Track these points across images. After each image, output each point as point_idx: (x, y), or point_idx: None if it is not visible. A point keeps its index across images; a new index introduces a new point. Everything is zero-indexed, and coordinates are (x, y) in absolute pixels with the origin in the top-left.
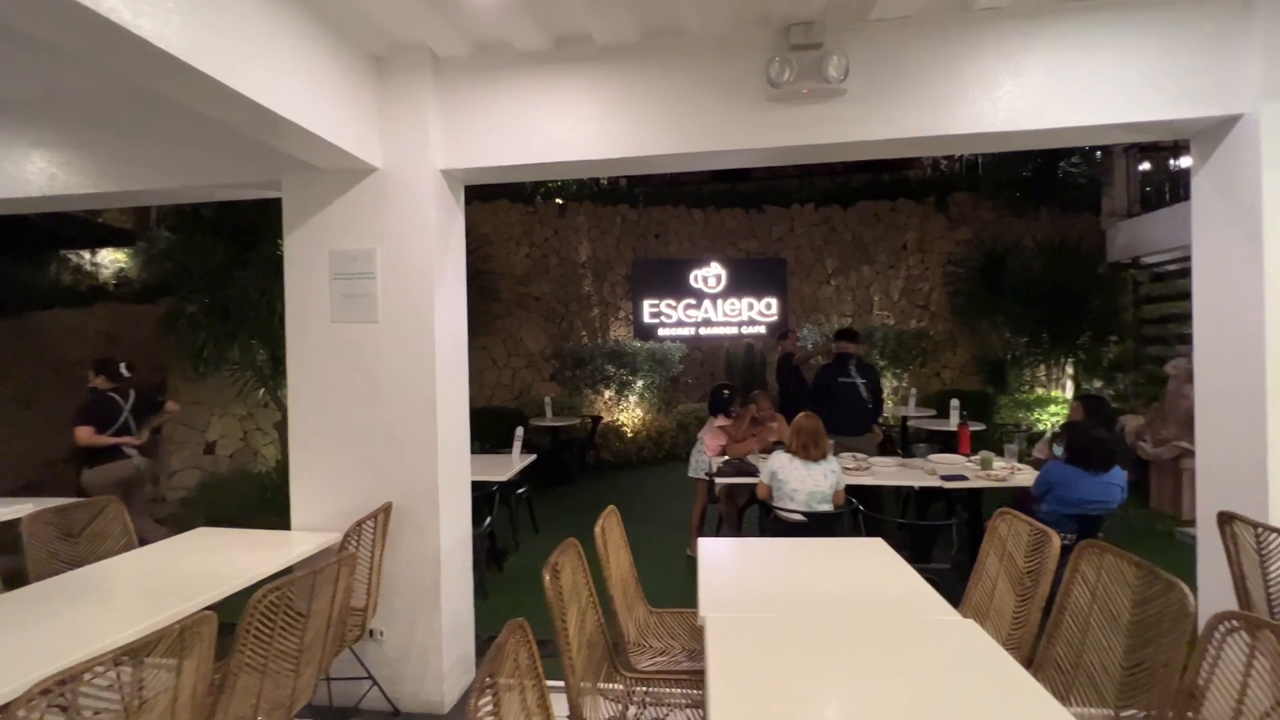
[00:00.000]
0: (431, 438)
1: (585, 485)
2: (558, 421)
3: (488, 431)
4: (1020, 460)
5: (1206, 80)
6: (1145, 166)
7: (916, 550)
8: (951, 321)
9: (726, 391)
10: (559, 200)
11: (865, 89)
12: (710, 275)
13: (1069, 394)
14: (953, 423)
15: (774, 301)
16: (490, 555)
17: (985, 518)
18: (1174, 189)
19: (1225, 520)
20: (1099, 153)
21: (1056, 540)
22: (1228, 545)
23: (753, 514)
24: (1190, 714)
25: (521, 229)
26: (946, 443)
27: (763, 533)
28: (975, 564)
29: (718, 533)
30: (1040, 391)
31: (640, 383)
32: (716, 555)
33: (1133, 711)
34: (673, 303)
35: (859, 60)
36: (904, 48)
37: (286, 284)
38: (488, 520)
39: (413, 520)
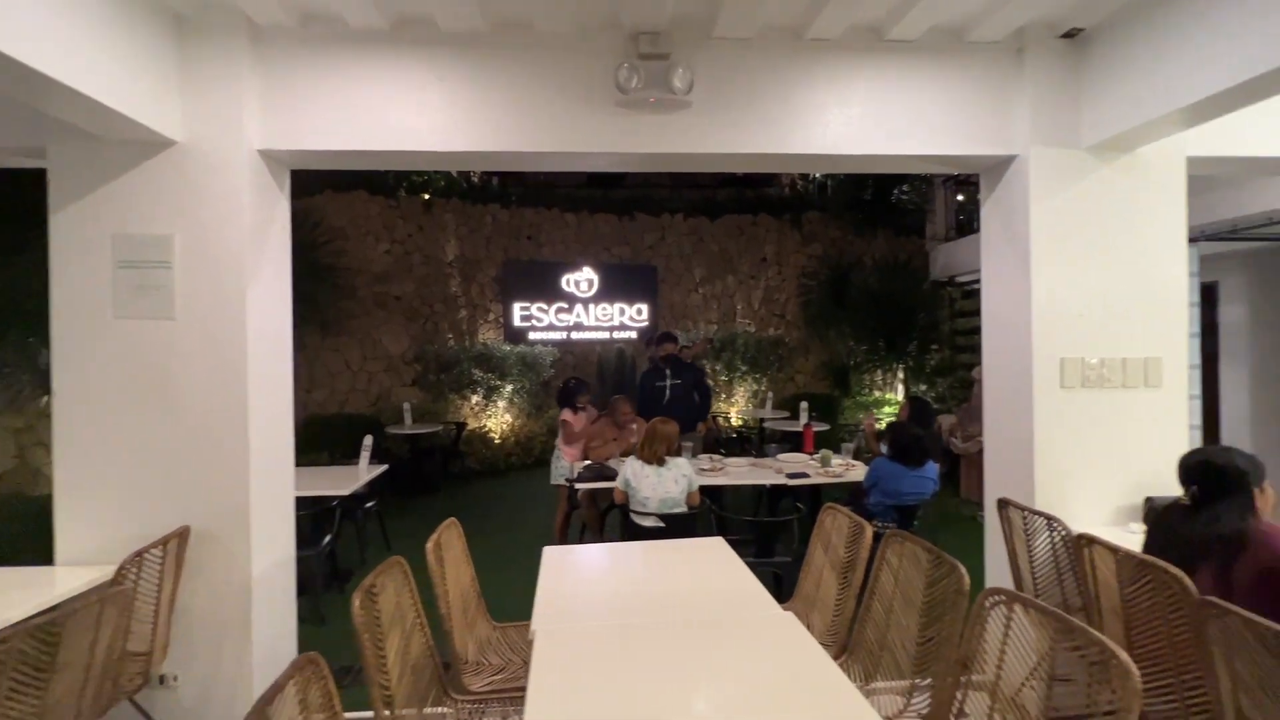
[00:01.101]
0: (242, 451)
1: (448, 495)
2: (419, 428)
3: (339, 441)
4: (855, 457)
5: (990, 123)
6: (960, 197)
7: (762, 545)
8: (804, 330)
9: (573, 382)
10: (425, 195)
11: (709, 103)
12: (583, 279)
13: (900, 396)
14: (802, 424)
15: (645, 307)
16: (331, 577)
17: None
18: (980, 217)
19: (1001, 506)
20: (924, 183)
21: (869, 531)
22: (1004, 527)
23: (616, 516)
24: (964, 679)
25: (382, 223)
26: (797, 443)
27: (625, 536)
28: (805, 556)
29: (581, 538)
30: (877, 394)
31: (510, 387)
32: (558, 564)
33: (924, 681)
34: (544, 306)
35: (704, 75)
36: (745, 67)
37: (52, 271)
38: (326, 539)
39: (218, 545)
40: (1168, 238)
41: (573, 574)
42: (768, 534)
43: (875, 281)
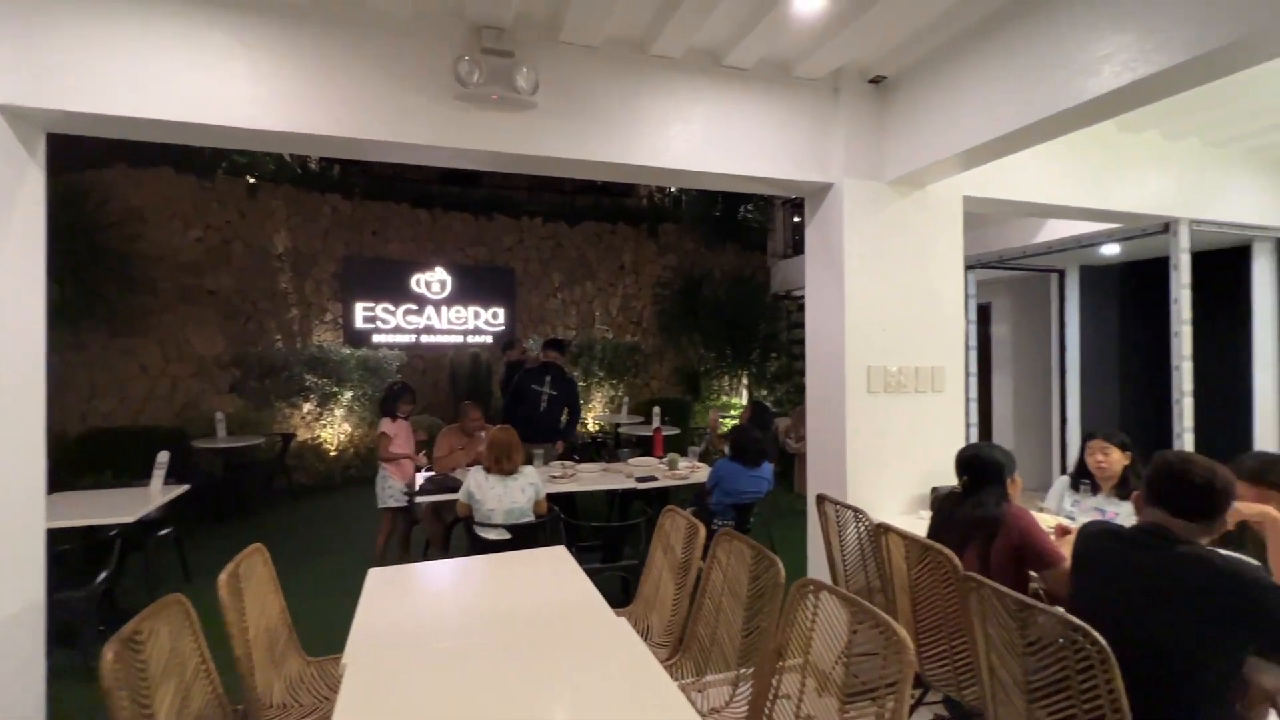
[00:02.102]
0: None
1: (270, 516)
2: (235, 441)
3: (130, 458)
4: (701, 459)
5: (813, 152)
6: (796, 219)
7: (611, 550)
8: (659, 337)
9: (397, 386)
10: (249, 178)
11: (556, 107)
12: (435, 280)
13: (745, 400)
14: (653, 428)
15: (502, 311)
16: (109, 620)
17: None
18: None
19: (820, 501)
20: (766, 203)
21: (703, 531)
22: (822, 520)
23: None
24: (780, 664)
25: (193, 207)
26: (649, 447)
27: (469, 550)
28: (646, 558)
29: (425, 555)
30: (725, 398)
31: (349, 394)
32: (384, 587)
33: (748, 670)
34: (391, 307)
35: (551, 78)
36: (593, 75)
37: None
38: (102, 575)
39: None
40: (950, 264)
41: (400, 596)
42: (616, 538)
43: (724, 293)
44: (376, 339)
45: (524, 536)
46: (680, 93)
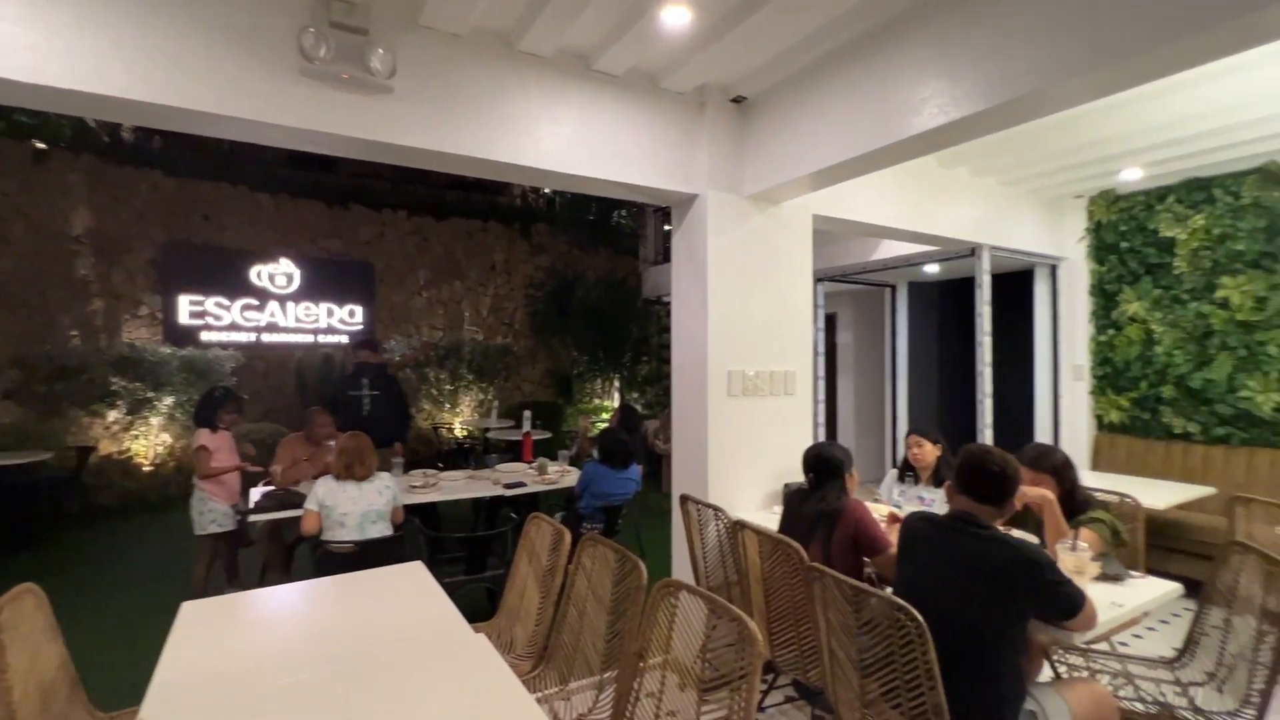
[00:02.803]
0: None
1: (59, 546)
2: (11, 458)
3: None
4: (572, 463)
5: (679, 163)
6: (666, 227)
7: (475, 561)
8: (531, 339)
9: (219, 392)
10: (37, 144)
11: (416, 94)
12: (280, 273)
13: (617, 403)
14: (523, 432)
15: (359, 309)
16: None
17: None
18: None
19: (683, 501)
20: (638, 209)
21: (568, 537)
22: (685, 520)
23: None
24: (642, 665)
25: None
26: (520, 452)
27: (318, 571)
28: (511, 568)
29: (261, 581)
30: (597, 401)
31: (169, 400)
32: (200, 621)
33: (611, 674)
34: (225, 301)
35: (411, 63)
36: (458, 65)
37: None
38: None
39: None
40: (801, 276)
41: (225, 630)
42: (480, 549)
43: (597, 296)
44: (206, 337)
45: (380, 552)
46: (550, 93)
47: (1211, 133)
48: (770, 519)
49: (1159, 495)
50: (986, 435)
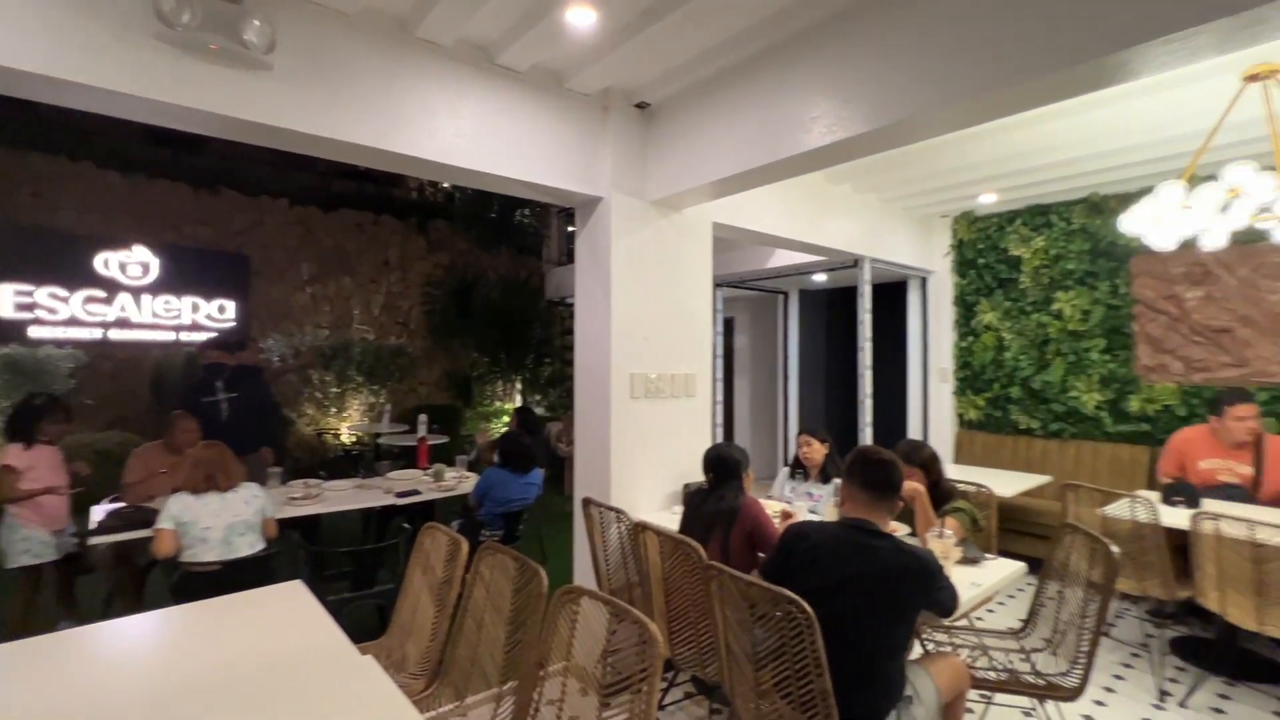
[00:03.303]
0: None
1: None
2: None
3: None
4: (471, 468)
5: (584, 165)
6: (570, 228)
7: (364, 576)
8: (428, 339)
9: (39, 400)
10: None
11: (299, 73)
12: (134, 262)
13: (518, 406)
14: (418, 437)
15: (231, 304)
16: None
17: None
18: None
19: (585, 504)
20: (541, 209)
21: (465, 547)
22: (588, 523)
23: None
24: (543, 674)
25: None
26: (414, 458)
27: (176, 598)
28: (403, 582)
29: (105, 612)
30: (498, 404)
31: None
32: (19, 666)
33: (510, 686)
34: (61, 292)
35: (294, 39)
36: (348, 46)
37: None
38: None
39: None
40: (702, 281)
41: (52, 675)
42: (369, 563)
43: (499, 296)
44: (36, 333)
45: (250, 571)
46: (449, 84)
47: (1049, 166)
48: (672, 519)
49: (1008, 484)
50: (867, 433)
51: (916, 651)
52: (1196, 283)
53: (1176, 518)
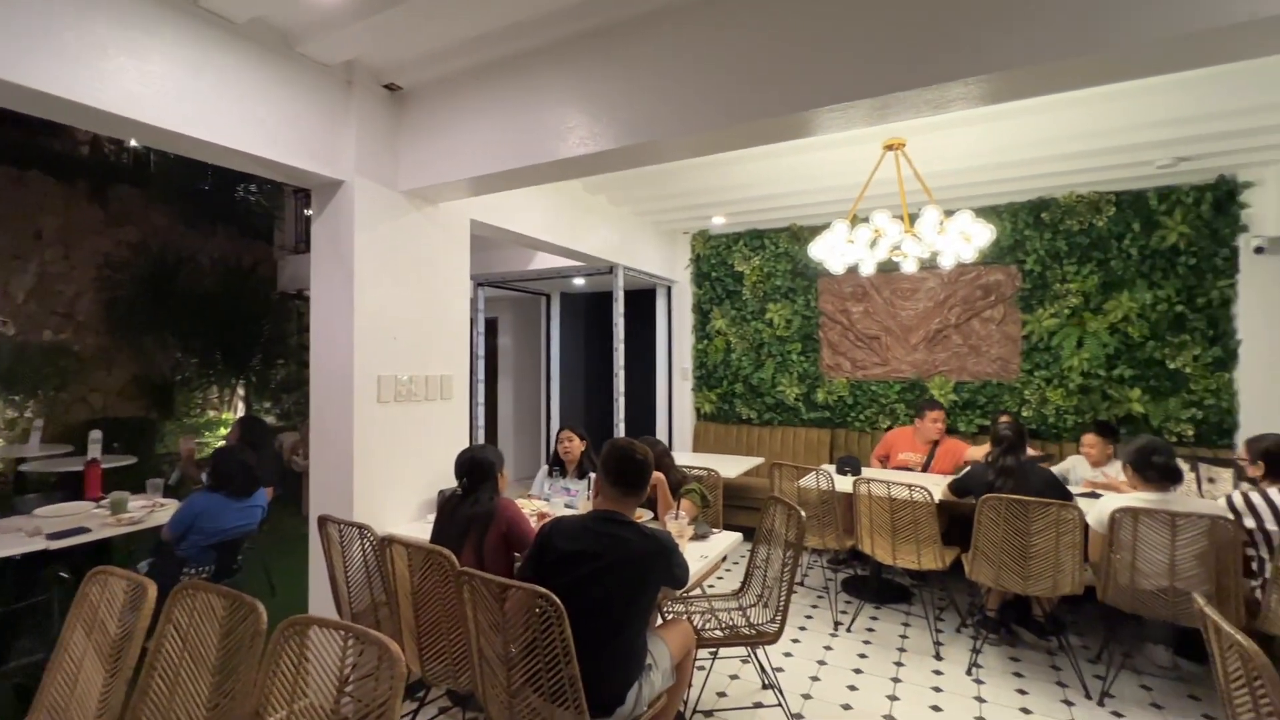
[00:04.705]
0: None
1: None
2: None
3: None
4: (172, 493)
5: (322, 143)
6: (309, 212)
7: None
8: (107, 336)
9: None
10: None
11: None
12: None
13: (241, 415)
14: (87, 461)
15: None
16: None
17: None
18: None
19: (322, 523)
20: (274, 188)
21: (153, 591)
22: (324, 544)
23: None
24: None
25: None
26: (78, 487)
27: None
28: (57, 646)
29: None
30: (212, 414)
31: None
32: None
33: None
34: None
35: None
36: None
37: None
38: None
39: None
40: (458, 279)
41: None
42: (2, 629)
43: (214, 284)
44: None
45: None
46: (131, 18)
47: (763, 198)
48: (425, 529)
49: (733, 467)
50: (621, 429)
51: (658, 621)
52: (859, 300)
53: (845, 484)
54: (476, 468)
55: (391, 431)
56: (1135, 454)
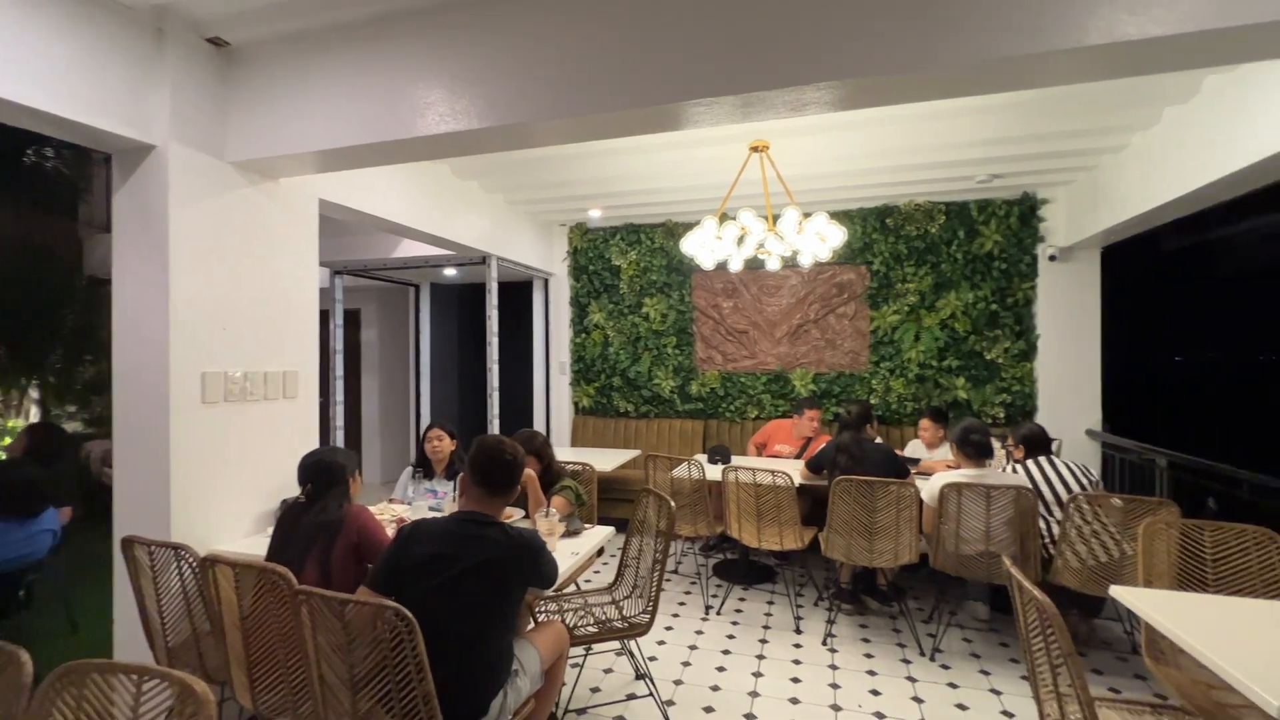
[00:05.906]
0: None
1: None
2: None
3: None
4: None
5: (127, 100)
6: None
7: None
8: None
9: None
10: None
11: None
12: None
13: (35, 420)
14: None
15: None
16: None
17: None
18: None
19: (126, 546)
20: (80, 153)
21: None
22: (131, 569)
23: None
24: None
25: None
26: None
27: None
28: None
29: None
30: None
31: None
32: None
33: None
34: None
35: None
36: None
37: None
38: None
39: None
40: (305, 265)
41: None
42: None
43: (1, 269)
44: None
45: None
46: None
47: (638, 192)
48: (263, 544)
49: (609, 461)
50: (495, 425)
51: (528, 626)
52: (729, 296)
53: (715, 472)
54: (323, 472)
55: (221, 436)
56: (959, 434)
